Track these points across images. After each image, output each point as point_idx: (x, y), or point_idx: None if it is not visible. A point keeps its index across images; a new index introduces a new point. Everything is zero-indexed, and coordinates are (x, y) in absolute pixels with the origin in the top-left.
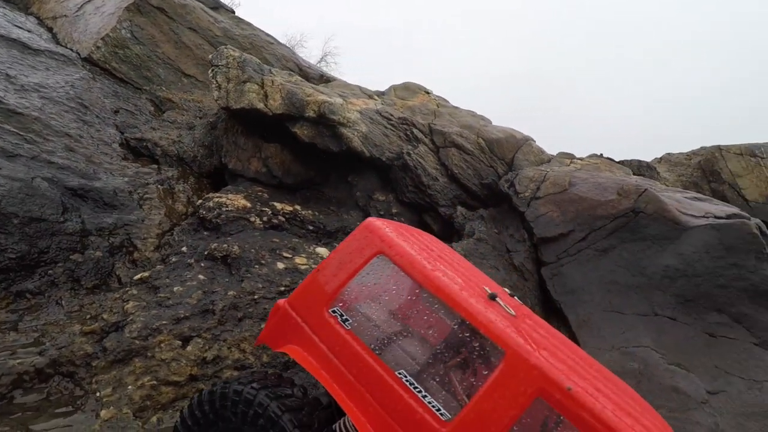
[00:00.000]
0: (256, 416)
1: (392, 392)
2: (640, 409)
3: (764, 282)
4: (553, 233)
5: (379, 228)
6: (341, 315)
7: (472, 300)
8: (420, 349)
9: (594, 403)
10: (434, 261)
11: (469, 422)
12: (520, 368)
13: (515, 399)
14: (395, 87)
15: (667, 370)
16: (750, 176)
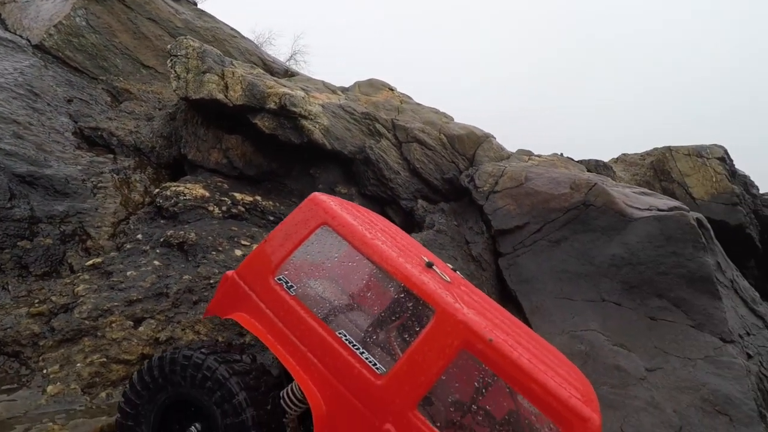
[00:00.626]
0: (204, 379)
1: (333, 351)
2: (557, 362)
3: (700, 269)
4: (510, 225)
5: (323, 201)
6: (286, 282)
7: (408, 266)
8: (360, 312)
9: (512, 352)
10: (375, 232)
11: (401, 374)
12: (448, 324)
13: (443, 350)
14: (359, 83)
15: (611, 351)
16: (697, 175)
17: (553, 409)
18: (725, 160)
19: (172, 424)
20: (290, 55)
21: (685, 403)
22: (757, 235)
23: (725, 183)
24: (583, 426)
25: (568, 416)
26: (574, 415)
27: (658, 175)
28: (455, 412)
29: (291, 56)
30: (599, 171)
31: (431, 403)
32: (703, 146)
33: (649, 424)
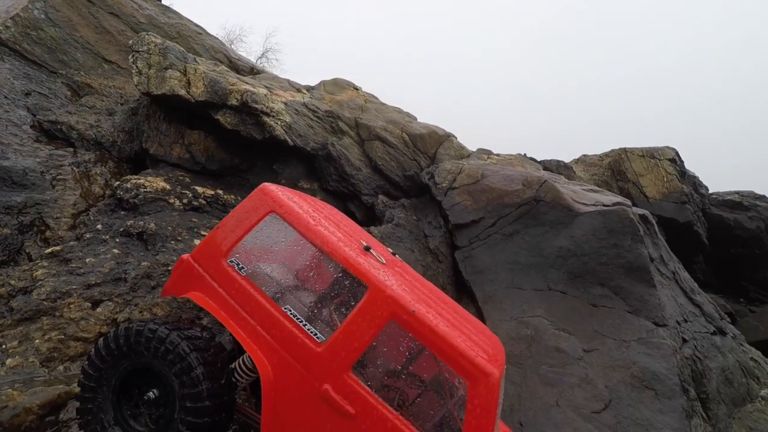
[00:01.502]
0: (166, 352)
1: (279, 324)
2: (474, 329)
3: (637, 259)
4: (467, 220)
5: (272, 191)
6: (238, 264)
7: (346, 248)
8: (305, 290)
9: (431, 321)
10: (319, 220)
11: (338, 342)
12: (379, 298)
13: (374, 321)
14: (325, 82)
15: (553, 335)
16: (650, 175)
17: (462, 366)
18: (676, 161)
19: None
20: (262, 53)
21: (616, 380)
22: (704, 232)
23: (675, 183)
24: (485, 379)
25: (473, 372)
26: (478, 370)
27: (615, 175)
28: (386, 374)
29: (263, 54)
30: (560, 171)
31: (365, 366)
32: (656, 148)
33: (582, 398)
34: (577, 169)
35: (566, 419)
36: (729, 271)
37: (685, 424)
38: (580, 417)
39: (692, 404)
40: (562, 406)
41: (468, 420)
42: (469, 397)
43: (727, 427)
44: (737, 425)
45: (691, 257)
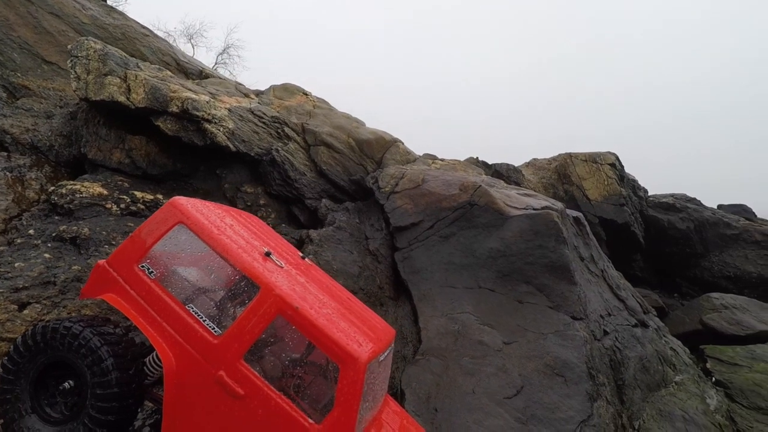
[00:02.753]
0: (79, 346)
1: (182, 320)
2: (362, 322)
3: (560, 259)
4: (407, 222)
5: (181, 204)
6: (148, 269)
7: (245, 255)
8: (209, 291)
9: (311, 315)
10: (224, 229)
11: (233, 334)
12: (269, 296)
13: (263, 316)
14: (275, 87)
15: (478, 329)
16: (592, 179)
17: (334, 352)
18: (616, 166)
19: (48, 380)
20: (222, 49)
21: (530, 368)
22: (641, 232)
23: (615, 186)
24: (353, 363)
25: (343, 356)
26: (347, 355)
27: (561, 179)
28: (275, 361)
29: (224, 50)
30: (509, 174)
31: (256, 355)
32: (598, 153)
33: (497, 386)
34: (527, 172)
35: (480, 405)
36: (664, 269)
37: (588, 406)
38: (493, 402)
39: (598, 389)
40: (477, 393)
41: (338, 398)
42: (339, 379)
43: (640, 410)
44: (650, 408)
45: (630, 255)
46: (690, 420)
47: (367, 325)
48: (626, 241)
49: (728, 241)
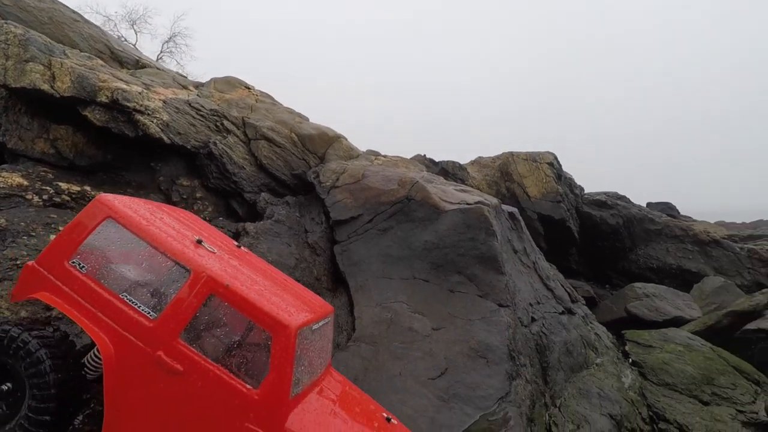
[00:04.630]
0: (17, 349)
1: (117, 309)
2: (295, 298)
3: (489, 251)
4: (346, 216)
5: (108, 199)
6: (79, 264)
7: (175, 242)
8: (142, 279)
9: (242, 291)
10: (153, 221)
11: (168, 316)
12: (200, 278)
13: (196, 296)
14: (216, 80)
15: (409, 317)
16: (532, 177)
17: (266, 322)
18: (554, 165)
19: None
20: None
21: (455, 352)
22: (576, 228)
23: (552, 184)
24: (283, 330)
25: (274, 325)
26: (278, 324)
27: (504, 176)
28: (214, 340)
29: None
30: (455, 171)
31: (194, 334)
32: (538, 152)
33: (423, 368)
34: (472, 170)
35: (405, 386)
36: (597, 261)
37: (507, 385)
38: (418, 383)
39: (518, 369)
40: (403, 375)
41: (272, 363)
42: (272, 345)
43: (562, 389)
44: (571, 387)
45: (567, 249)
46: (605, 396)
47: (301, 300)
48: (563, 235)
49: (652, 236)
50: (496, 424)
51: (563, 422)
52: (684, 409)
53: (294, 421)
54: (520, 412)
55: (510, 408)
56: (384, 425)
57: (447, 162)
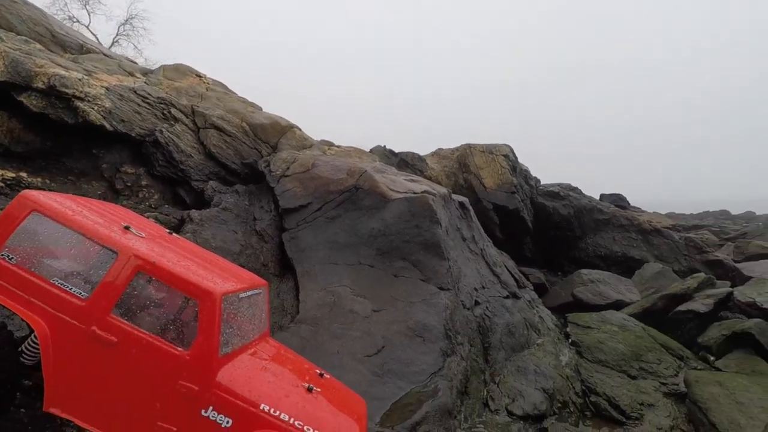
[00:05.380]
0: None
1: (49, 293)
2: (222, 271)
3: (432, 237)
4: (295, 205)
5: (32, 194)
6: (8, 256)
7: (101, 228)
8: (73, 264)
9: (167, 265)
10: (79, 211)
11: (99, 294)
12: (127, 257)
13: (125, 273)
14: (165, 67)
15: (351, 300)
16: (488, 169)
17: (192, 291)
18: (509, 157)
19: None
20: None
21: (393, 331)
22: (530, 218)
23: (507, 175)
24: (208, 297)
25: (199, 293)
26: (202, 291)
27: (462, 168)
28: (144, 310)
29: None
30: (414, 162)
31: (125, 308)
32: (495, 145)
33: (360, 347)
34: (432, 161)
35: (341, 363)
36: (550, 250)
37: (441, 361)
38: (354, 360)
39: (453, 347)
40: (341, 353)
41: (200, 326)
42: (199, 311)
43: (502, 367)
44: (510, 365)
45: (522, 238)
46: (540, 372)
47: (229, 274)
48: (517, 225)
49: (600, 225)
50: (425, 395)
51: (500, 396)
52: (613, 383)
53: (224, 375)
54: (451, 386)
55: (441, 381)
56: (316, 379)
57: (406, 153)
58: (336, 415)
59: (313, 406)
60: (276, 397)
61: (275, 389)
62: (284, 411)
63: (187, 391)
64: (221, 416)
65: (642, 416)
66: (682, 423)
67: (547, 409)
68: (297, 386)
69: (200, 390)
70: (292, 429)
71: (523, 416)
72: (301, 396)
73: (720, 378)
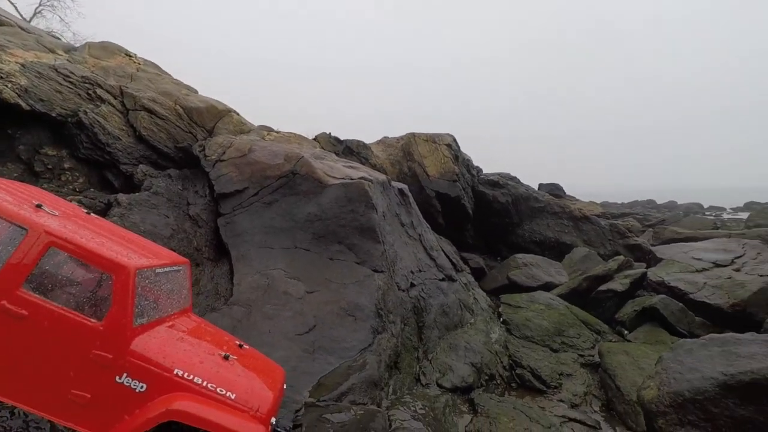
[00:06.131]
0: None
1: None
2: (139, 248)
3: (368, 222)
4: (231, 190)
5: None
6: None
7: (10, 206)
8: None
9: (80, 240)
10: None
11: (8, 269)
12: (37, 233)
13: (36, 248)
14: (91, 44)
15: (285, 282)
16: (431, 157)
17: (105, 265)
18: (452, 147)
19: None
20: None
21: (326, 311)
22: (471, 205)
23: (450, 164)
24: (122, 270)
25: (112, 266)
26: (115, 265)
27: (406, 156)
28: (58, 284)
29: None
30: (359, 150)
31: (36, 282)
32: (438, 134)
33: (291, 326)
34: (377, 149)
35: (272, 341)
36: (490, 236)
37: (371, 338)
38: (286, 339)
39: (384, 325)
40: (272, 332)
41: (114, 298)
42: (113, 284)
43: (435, 345)
44: (443, 343)
45: (463, 225)
46: (470, 348)
47: (148, 251)
48: (459, 212)
49: (536, 213)
50: (354, 369)
51: (431, 371)
52: (537, 356)
53: (138, 344)
54: (379, 360)
55: (370, 356)
56: (234, 349)
57: (351, 141)
58: (251, 379)
59: (228, 371)
60: (190, 363)
61: (190, 357)
62: (198, 375)
63: (101, 359)
64: (135, 381)
65: (561, 385)
66: (594, 389)
67: (474, 381)
68: (213, 354)
69: (114, 358)
70: (204, 390)
71: (451, 389)
72: (216, 362)
73: (628, 348)
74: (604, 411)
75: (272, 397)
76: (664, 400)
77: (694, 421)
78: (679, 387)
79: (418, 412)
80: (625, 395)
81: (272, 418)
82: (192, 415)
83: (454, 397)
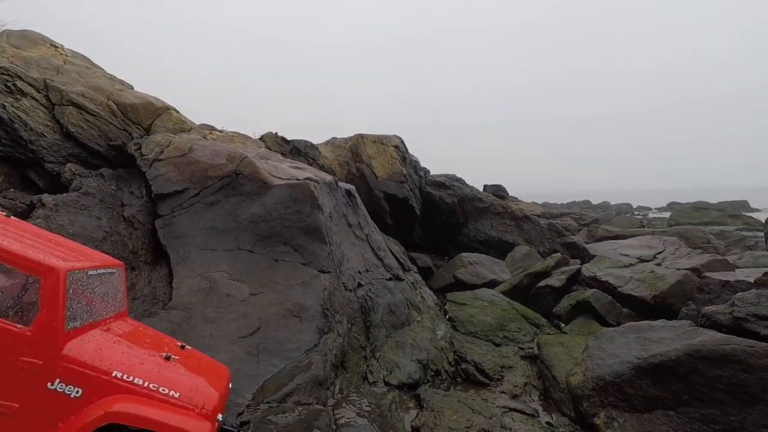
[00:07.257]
0: None
1: None
2: (68, 251)
3: (314, 223)
4: (170, 190)
5: None
6: None
7: None
8: None
9: (4, 244)
10: None
11: None
12: None
13: None
14: (10, 32)
15: (228, 284)
16: (380, 159)
17: (32, 268)
18: (399, 148)
19: None
20: None
21: (270, 313)
22: (418, 206)
23: (397, 166)
24: (50, 273)
25: (40, 269)
26: (42, 266)
27: (354, 157)
28: None
29: None
30: (307, 150)
31: None
32: (386, 136)
33: (234, 329)
34: (326, 150)
35: (214, 344)
36: (437, 236)
37: (317, 338)
38: (228, 342)
39: (330, 325)
40: (214, 335)
41: (42, 302)
42: (41, 287)
43: (383, 343)
44: (390, 341)
45: (411, 225)
46: (416, 345)
47: (78, 253)
48: (407, 213)
49: (480, 213)
50: (299, 370)
51: (378, 370)
52: (480, 351)
53: (72, 348)
54: (325, 360)
55: (315, 356)
56: (176, 350)
57: (299, 141)
58: (194, 378)
59: (169, 371)
60: (129, 364)
61: (129, 358)
62: (138, 376)
63: (30, 366)
64: (69, 387)
65: (502, 377)
66: (533, 379)
67: (420, 377)
68: (153, 356)
69: (45, 364)
70: (145, 391)
71: (398, 385)
72: (156, 363)
73: (563, 339)
74: (542, 400)
75: (218, 395)
76: (588, 385)
77: (614, 402)
78: (600, 372)
79: (364, 409)
80: (560, 384)
81: (219, 414)
82: (133, 416)
83: (400, 393)
